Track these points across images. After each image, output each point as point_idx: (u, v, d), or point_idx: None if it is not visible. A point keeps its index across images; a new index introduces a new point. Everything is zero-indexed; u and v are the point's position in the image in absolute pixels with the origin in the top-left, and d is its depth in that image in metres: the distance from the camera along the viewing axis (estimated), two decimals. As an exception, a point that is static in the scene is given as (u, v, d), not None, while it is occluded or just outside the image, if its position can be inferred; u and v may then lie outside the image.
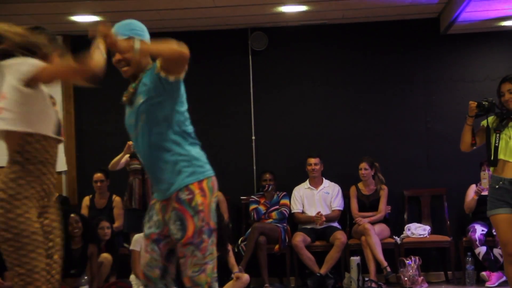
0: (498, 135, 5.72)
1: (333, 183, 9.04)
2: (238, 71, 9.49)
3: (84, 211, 8.70)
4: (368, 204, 8.86)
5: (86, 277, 7.66)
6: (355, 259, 8.42)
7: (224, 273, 8.01)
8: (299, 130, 9.40)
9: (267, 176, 9.02)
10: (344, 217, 9.01)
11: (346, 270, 8.53)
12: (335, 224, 8.86)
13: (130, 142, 7.78)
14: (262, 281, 8.48)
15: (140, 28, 3.98)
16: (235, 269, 8.04)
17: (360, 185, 8.97)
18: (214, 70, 9.50)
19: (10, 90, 3.66)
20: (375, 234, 8.45)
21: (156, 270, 3.93)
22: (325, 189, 9.00)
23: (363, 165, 8.84)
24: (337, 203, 8.93)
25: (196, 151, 3.90)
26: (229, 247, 8.21)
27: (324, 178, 9.06)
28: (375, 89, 9.38)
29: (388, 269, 8.30)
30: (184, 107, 3.93)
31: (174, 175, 3.81)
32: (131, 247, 7.90)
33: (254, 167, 9.39)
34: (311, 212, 8.85)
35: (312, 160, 8.97)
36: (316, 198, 8.92)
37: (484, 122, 5.92)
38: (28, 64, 3.66)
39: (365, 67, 9.42)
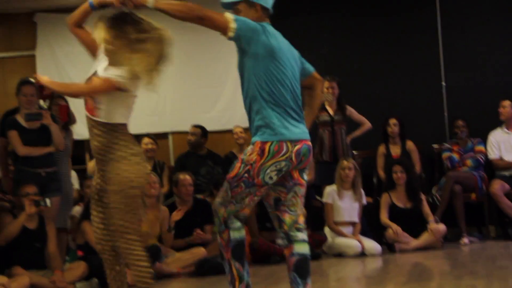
0: None
1: (532, 127, 8.61)
2: (424, 16, 9.25)
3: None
4: None
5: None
6: (560, 206, 8.00)
7: (419, 223, 7.89)
8: (492, 74, 9.05)
9: (460, 122, 8.71)
10: (546, 162, 8.56)
11: (551, 218, 8.14)
12: (537, 170, 8.44)
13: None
14: (459, 231, 8.24)
15: None
16: (430, 218, 7.89)
17: None
18: (399, 16, 9.31)
19: None
20: None
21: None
22: (524, 133, 8.59)
23: None
24: (539, 147, 8.51)
25: (272, 115, 4.03)
26: (422, 197, 8.07)
27: (521, 122, 8.65)
28: None
29: None
30: (263, 69, 4.03)
31: (253, 131, 4.11)
32: (324, 200, 7.94)
33: (446, 114, 9.11)
34: (509, 157, 8.47)
35: (506, 103, 8.56)
36: (514, 143, 8.54)
37: None
38: None
39: None
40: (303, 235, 4.16)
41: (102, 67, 4.25)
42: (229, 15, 3.97)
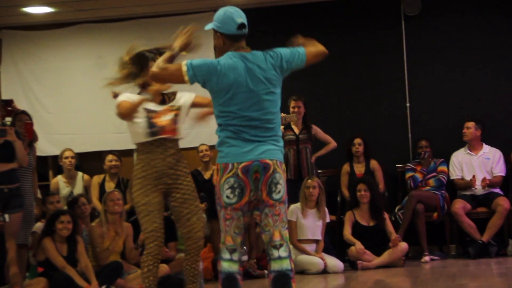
0: None
1: (494, 148, 8.72)
2: (390, 38, 9.34)
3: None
4: (532, 168, 8.49)
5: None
6: (519, 226, 8.12)
7: (381, 242, 7.95)
8: (456, 96, 9.14)
9: (423, 143, 8.82)
10: (507, 183, 8.66)
11: (510, 237, 8.24)
12: (497, 190, 8.53)
13: (282, 114, 7.78)
14: (421, 249, 8.33)
15: (216, 19, 4.34)
16: (393, 236, 7.95)
17: (523, 149, 8.60)
18: (365, 37, 9.40)
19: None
20: (541, 199, 8.10)
21: None
22: (485, 155, 8.70)
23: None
24: (499, 169, 8.61)
25: (222, 138, 4.27)
26: (386, 215, 8.13)
27: (484, 144, 8.75)
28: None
29: None
30: (216, 99, 4.29)
31: None
32: (288, 217, 7.92)
33: (410, 135, 9.22)
34: (470, 178, 8.57)
35: (470, 124, 8.68)
36: (476, 164, 8.64)
37: None
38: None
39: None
40: (278, 252, 4.26)
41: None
42: (183, 66, 4.22)
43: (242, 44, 4.32)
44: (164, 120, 5.21)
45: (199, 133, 9.37)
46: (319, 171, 8.67)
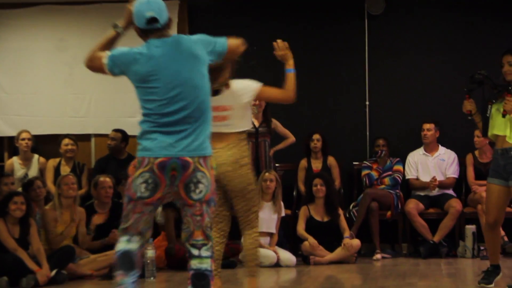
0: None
1: (449, 150, 8.84)
2: (353, 36, 9.38)
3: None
4: (485, 172, 8.54)
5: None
6: (470, 228, 8.22)
7: (334, 238, 8.01)
8: (415, 97, 9.23)
9: (380, 142, 8.91)
10: (460, 185, 8.80)
11: (461, 239, 8.36)
12: (450, 192, 8.66)
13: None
14: (373, 247, 8.42)
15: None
16: (346, 234, 8.02)
17: (477, 152, 8.72)
18: (328, 34, 9.42)
19: None
20: (492, 203, 8.20)
21: None
22: (441, 156, 8.81)
23: (476, 132, 8.58)
24: (452, 171, 8.74)
25: (142, 130, 4.13)
26: (340, 212, 8.20)
27: (440, 145, 8.87)
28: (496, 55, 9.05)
29: (506, 238, 8.10)
30: (137, 89, 4.14)
31: None
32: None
33: (368, 133, 9.29)
34: (425, 178, 8.69)
35: (430, 126, 8.78)
36: (431, 165, 8.75)
37: None
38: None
39: (487, 32, 9.11)
40: (199, 251, 4.09)
41: None
42: (104, 58, 4.12)
43: (163, 33, 4.15)
44: None
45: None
46: (276, 165, 8.71)
